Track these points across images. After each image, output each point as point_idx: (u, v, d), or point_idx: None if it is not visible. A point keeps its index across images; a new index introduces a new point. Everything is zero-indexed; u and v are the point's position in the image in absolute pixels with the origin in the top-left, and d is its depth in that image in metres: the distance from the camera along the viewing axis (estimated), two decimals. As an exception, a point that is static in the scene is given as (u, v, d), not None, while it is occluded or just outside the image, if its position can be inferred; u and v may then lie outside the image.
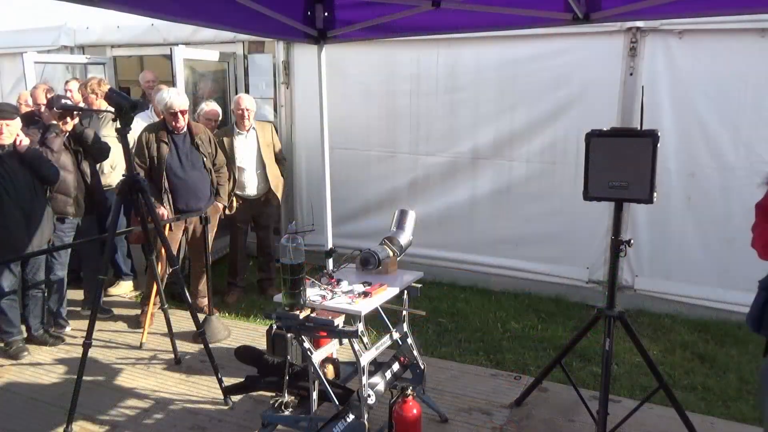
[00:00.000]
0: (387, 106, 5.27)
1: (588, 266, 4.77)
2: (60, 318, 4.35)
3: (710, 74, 4.20)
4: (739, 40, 4.08)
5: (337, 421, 2.57)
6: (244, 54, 5.76)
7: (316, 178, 5.21)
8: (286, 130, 5.68)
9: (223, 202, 4.64)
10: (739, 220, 4.32)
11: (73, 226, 4.26)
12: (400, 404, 2.61)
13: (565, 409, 3.29)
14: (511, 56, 4.74)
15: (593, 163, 2.73)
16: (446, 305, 4.79)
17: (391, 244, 3.08)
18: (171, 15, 2.70)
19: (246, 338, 4.24)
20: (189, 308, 3.55)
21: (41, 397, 3.51)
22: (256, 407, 3.32)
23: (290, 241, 2.49)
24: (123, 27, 6.04)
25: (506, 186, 4.91)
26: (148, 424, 3.23)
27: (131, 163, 3.36)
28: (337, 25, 3.51)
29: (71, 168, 4.15)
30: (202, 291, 4.65)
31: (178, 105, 4.23)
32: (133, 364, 3.92)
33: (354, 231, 5.35)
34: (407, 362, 3.02)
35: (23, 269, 4.02)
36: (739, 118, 4.18)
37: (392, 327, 3.03)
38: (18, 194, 3.75)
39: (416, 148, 5.21)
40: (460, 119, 5.03)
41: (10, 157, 3.74)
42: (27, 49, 5.89)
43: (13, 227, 3.74)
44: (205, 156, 4.43)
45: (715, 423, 3.19)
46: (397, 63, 5.13)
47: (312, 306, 2.59)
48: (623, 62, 4.39)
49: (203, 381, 3.67)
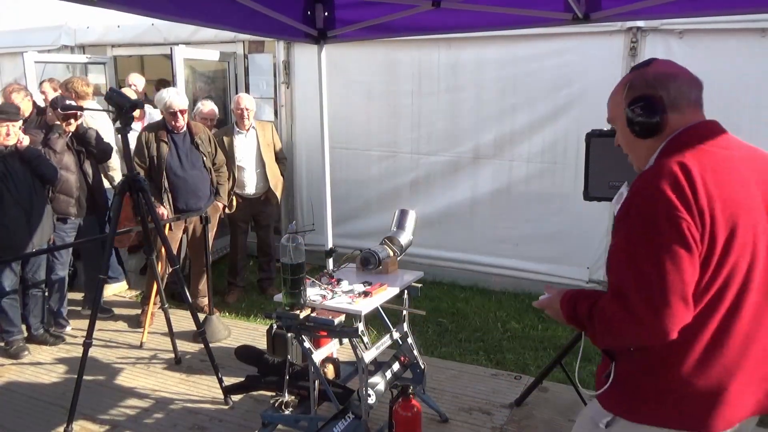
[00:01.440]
0: (387, 106, 5.26)
1: (588, 266, 4.77)
2: (60, 317, 4.36)
3: (710, 74, 4.12)
4: (740, 39, 4.08)
5: (338, 421, 2.57)
6: (245, 54, 5.76)
7: (317, 177, 5.21)
8: (287, 130, 5.68)
9: (223, 202, 4.64)
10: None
11: (74, 227, 4.26)
12: (401, 404, 2.61)
13: (565, 409, 3.29)
14: (512, 56, 4.74)
15: (593, 163, 2.73)
16: (446, 305, 4.79)
17: (392, 244, 3.08)
18: (171, 15, 2.70)
19: (246, 338, 4.24)
20: (189, 308, 3.55)
21: (41, 396, 3.51)
22: (256, 407, 3.32)
23: (290, 240, 2.49)
24: (123, 27, 6.04)
25: (506, 186, 4.91)
26: (149, 423, 3.23)
27: (131, 162, 3.36)
28: (337, 24, 3.51)
29: (74, 168, 4.15)
30: (202, 290, 4.65)
31: (177, 104, 4.23)
32: (134, 363, 3.92)
33: (354, 231, 5.35)
34: (407, 362, 3.02)
35: (23, 268, 4.02)
36: (739, 118, 4.17)
37: (392, 327, 3.03)
38: (19, 193, 3.76)
39: (417, 147, 5.20)
40: (460, 119, 5.03)
41: (11, 156, 3.74)
42: (27, 49, 5.89)
43: (13, 226, 3.74)
44: (205, 155, 4.43)
45: (716, 423, 3.18)
46: (398, 63, 5.13)
47: (312, 306, 2.59)
48: (623, 62, 4.38)
49: (203, 380, 3.67)
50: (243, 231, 5.06)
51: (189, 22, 3.12)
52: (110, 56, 6.34)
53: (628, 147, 1.58)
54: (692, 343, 1.38)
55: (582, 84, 4.55)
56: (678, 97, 1.47)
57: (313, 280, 2.81)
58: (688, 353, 1.39)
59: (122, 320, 4.62)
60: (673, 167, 1.37)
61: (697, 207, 1.32)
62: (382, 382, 2.81)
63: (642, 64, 1.55)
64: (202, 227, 4.21)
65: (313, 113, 4.29)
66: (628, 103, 1.49)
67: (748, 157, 1.47)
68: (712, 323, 1.38)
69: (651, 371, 1.44)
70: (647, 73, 1.50)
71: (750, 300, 1.39)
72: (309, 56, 5.22)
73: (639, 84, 1.49)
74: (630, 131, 1.51)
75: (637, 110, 1.47)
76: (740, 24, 4.00)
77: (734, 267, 1.36)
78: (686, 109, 1.48)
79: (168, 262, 3.84)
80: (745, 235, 1.36)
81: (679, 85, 1.48)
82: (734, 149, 1.46)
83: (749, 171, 1.43)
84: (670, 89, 1.46)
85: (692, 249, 1.32)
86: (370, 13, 3.34)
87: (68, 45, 6.33)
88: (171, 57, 5.17)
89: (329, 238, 3.92)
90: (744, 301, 1.39)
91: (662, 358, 1.41)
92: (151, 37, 5.93)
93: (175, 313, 4.29)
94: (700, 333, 1.38)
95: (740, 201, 1.37)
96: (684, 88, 1.49)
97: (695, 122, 1.47)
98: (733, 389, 1.39)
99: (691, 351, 1.39)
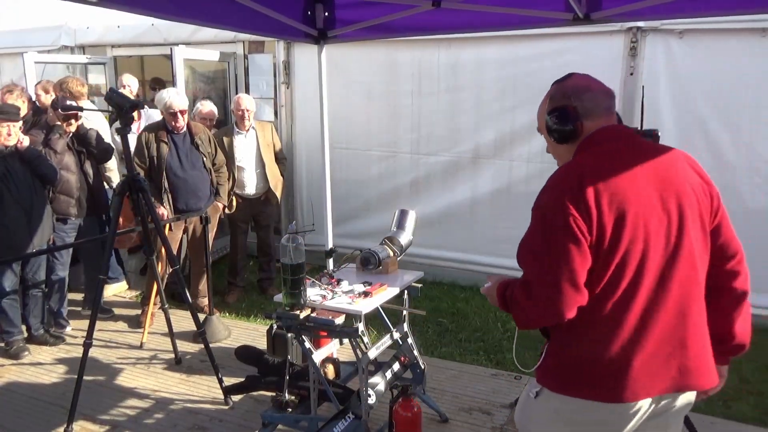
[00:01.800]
0: (387, 106, 5.26)
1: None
2: (60, 318, 4.36)
3: (711, 74, 4.20)
4: (740, 39, 4.08)
5: (338, 421, 2.57)
6: (245, 54, 5.76)
7: (317, 177, 5.21)
8: (287, 130, 5.68)
9: (223, 202, 4.65)
10: (740, 220, 4.29)
11: (74, 227, 4.26)
12: (401, 404, 2.61)
13: (565, 409, 3.29)
14: (512, 56, 4.74)
15: (594, 163, 2.73)
16: (446, 305, 4.79)
17: (392, 244, 3.08)
18: (171, 15, 2.71)
19: (246, 338, 4.24)
20: (189, 308, 3.55)
21: (42, 396, 3.51)
22: (256, 407, 3.32)
23: (290, 240, 2.49)
24: (123, 27, 6.04)
25: (507, 186, 4.91)
26: (149, 423, 3.23)
27: (131, 162, 3.36)
28: (337, 24, 3.51)
29: (74, 169, 4.15)
30: (202, 291, 4.66)
31: (177, 105, 4.23)
32: (134, 363, 3.92)
33: (354, 231, 5.35)
34: (407, 362, 3.02)
35: (23, 269, 4.02)
36: (739, 118, 4.18)
37: (392, 327, 3.03)
38: (19, 193, 3.76)
39: (417, 147, 5.20)
40: (460, 119, 5.02)
41: (12, 156, 3.75)
42: (27, 49, 5.89)
43: (14, 227, 3.75)
44: (205, 156, 4.43)
45: (715, 423, 3.18)
46: (398, 63, 5.13)
47: (312, 306, 2.59)
48: (623, 62, 4.38)
49: (203, 381, 3.67)
50: (243, 231, 5.06)
51: (189, 22, 3.12)
52: (110, 56, 6.34)
53: (553, 151, 1.79)
54: (597, 320, 1.56)
55: (582, 84, 4.55)
56: (592, 107, 1.64)
57: (313, 281, 2.81)
58: (594, 329, 1.56)
59: (122, 320, 4.62)
60: (569, 167, 1.63)
61: (584, 202, 1.50)
62: (382, 382, 2.81)
63: (562, 79, 1.72)
64: (202, 227, 4.21)
65: (313, 113, 4.29)
66: (548, 113, 1.68)
67: (648, 153, 1.63)
68: (611, 302, 1.54)
69: (568, 346, 1.62)
70: (566, 87, 1.69)
71: (646, 283, 1.54)
72: (309, 56, 5.21)
73: (558, 96, 1.68)
74: (551, 138, 1.71)
75: (554, 119, 1.66)
76: (740, 24, 4.00)
77: (627, 251, 1.52)
78: (599, 117, 1.65)
79: (168, 262, 3.84)
80: (636, 221, 1.52)
81: (592, 96, 1.65)
82: (630, 147, 1.64)
83: (644, 166, 1.59)
84: (584, 100, 1.64)
85: (580, 240, 1.50)
86: (370, 13, 3.34)
87: (68, 45, 6.33)
88: (171, 57, 5.17)
89: (329, 238, 3.92)
90: (640, 283, 1.53)
91: (577, 335, 1.59)
92: (151, 37, 5.93)
93: (175, 313, 4.29)
94: (602, 311, 1.55)
95: (629, 193, 1.53)
96: (597, 98, 1.66)
97: (602, 126, 1.65)
98: (636, 364, 1.53)
99: (596, 327, 1.56)
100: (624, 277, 1.53)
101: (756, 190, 4.22)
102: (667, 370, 1.56)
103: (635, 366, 1.53)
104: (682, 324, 1.57)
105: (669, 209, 1.55)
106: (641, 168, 1.58)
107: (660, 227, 1.54)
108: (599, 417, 1.58)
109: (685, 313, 1.57)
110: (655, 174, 1.58)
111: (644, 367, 1.53)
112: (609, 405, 1.55)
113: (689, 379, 1.58)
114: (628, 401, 1.54)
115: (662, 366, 1.55)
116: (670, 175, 1.59)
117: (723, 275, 1.67)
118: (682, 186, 1.58)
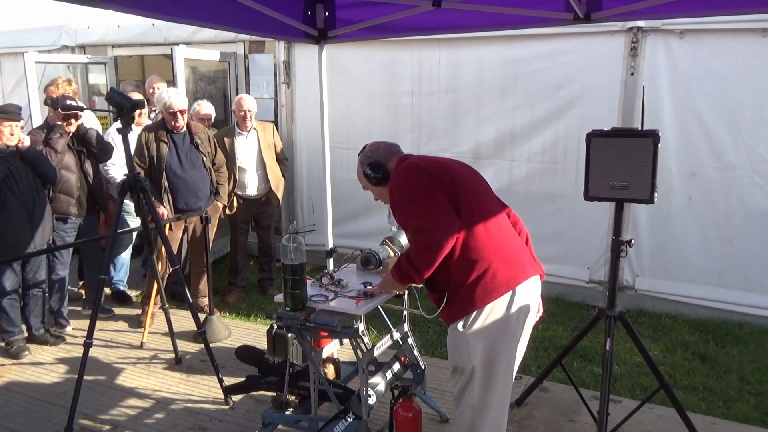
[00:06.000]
0: (388, 106, 5.26)
1: (589, 266, 4.77)
2: (61, 317, 4.36)
3: (711, 74, 4.20)
4: (741, 39, 4.08)
5: (338, 421, 2.57)
6: (245, 54, 5.77)
7: (317, 177, 5.21)
8: (287, 130, 5.68)
9: (223, 202, 4.65)
10: (740, 220, 4.32)
11: (75, 226, 4.26)
12: (401, 404, 2.61)
13: (565, 409, 3.30)
14: (512, 56, 4.74)
15: (594, 163, 2.73)
16: (447, 305, 4.78)
17: (392, 244, 3.07)
18: (171, 15, 2.70)
19: (247, 338, 4.24)
20: (189, 308, 3.54)
21: (42, 396, 3.51)
22: (256, 407, 3.32)
23: (291, 241, 2.49)
24: (124, 27, 6.04)
25: (507, 186, 4.90)
26: (149, 423, 3.23)
27: (131, 162, 3.36)
28: (337, 24, 3.51)
29: (74, 168, 4.15)
30: (202, 291, 4.66)
31: (177, 105, 4.24)
32: (134, 363, 3.92)
33: (355, 231, 5.35)
34: (408, 362, 3.02)
35: (24, 269, 4.02)
36: (740, 118, 4.18)
37: (393, 327, 3.03)
38: (22, 194, 3.77)
39: (417, 147, 5.20)
40: (461, 119, 5.03)
41: (13, 156, 3.75)
42: (28, 49, 5.88)
43: (17, 226, 3.76)
44: (205, 155, 4.43)
45: (716, 423, 3.18)
46: (398, 63, 5.13)
47: (313, 306, 2.59)
48: (624, 62, 4.38)
49: (204, 381, 3.67)
50: (243, 231, 5.06)
51: (189, 23, 3.11)
52: (111, 56, 6.34)
53: (378, 195, 2.51)
54: (466, 247, 2.21)
55: (582, 84, 4.55)
56: (386, 155, 2.46)
57: (313, 281, 2.81)
58: (466, 254, 2.21)
59: (123, 320, 4.62)
60: (404, 163, 2.36)
61: (430, 169, 2.27)
62: (382, 382, 2.81)
63: (361, 150, 2.53)
64: (203, 227, 4.21)
65: (314, 113, 4.29)
66: (364, 170, 2.45)
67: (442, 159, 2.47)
68: (467, 233, 2.21)
69: (459, 277, 2.22)
70: (366, 151, 2.51)
71: (481, 219, 2.26)
72: (309, 56, 5.22)
73: (364, 159, 2.48)
74: (373, 185, 2.46)
75: (369, 172, 2.43)
76: (740, 24, 4.00)
77: (467, 201, 2.23)
78: (393, 158, 2.45)
79: (168, 262, 3.84)
80: (465, 183, 2.29)
81: (383, 150, 2.49)
82: (427, 156, 2.50)
83: (446, 160, 2.44)
84: (380, 153, 2.47)
85: (439, 191, 2.20)
86: (370, 13, 3.34)
87: (69, 45, 6.33)
88: (171, 57, 5.17)
89: (330, 238, 3.92)
90: (479, 220, 2.24)
91: (458, 265, 2.21)
92: (152, 37, 5.94)
93: (176, 313, 4.30)
94: (467, 240, 2.21)
95: (449, 167, 2.33)
96: (388, 149, 2.49)
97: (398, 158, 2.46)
98: (495, 265, 2.21)
99: (467, 253, 2.21)
100: (472, 218, 2.22)
101: (756, 190, 4.22)
102: (521, 263, 2.29)
103: (497, 268, 2.21)
104: (514, 236, 2.39)
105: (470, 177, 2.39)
106: (445, 160, 2.44)
107: (479, 186, 2.37)
108: (502, 308, 2.22)
109: (511, 230, 2.39)
110: (454, 164, 2.41)
111: (502, 266, 2.22)
112: (506, 295, 2.21)
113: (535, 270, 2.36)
114: (503, 292, 2.20)
115: (516, 263, 2.27)
116: (457, 163, 2.45)
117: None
118: (464, 167, 2.43)
